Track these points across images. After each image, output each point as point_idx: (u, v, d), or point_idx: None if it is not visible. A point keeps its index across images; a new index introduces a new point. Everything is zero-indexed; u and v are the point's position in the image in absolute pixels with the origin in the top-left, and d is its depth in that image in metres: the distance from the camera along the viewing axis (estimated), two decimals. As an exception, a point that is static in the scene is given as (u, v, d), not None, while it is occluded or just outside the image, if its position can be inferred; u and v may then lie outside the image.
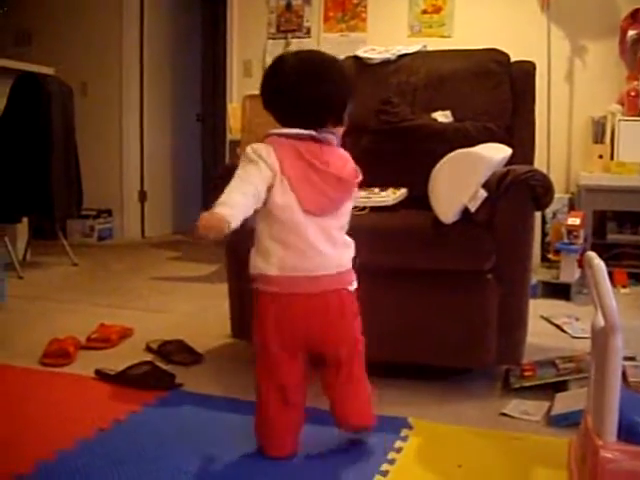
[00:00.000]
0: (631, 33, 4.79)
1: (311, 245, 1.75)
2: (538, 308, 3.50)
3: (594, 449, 1.35)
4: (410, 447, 1.96)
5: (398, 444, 1.97)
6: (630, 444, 1.38)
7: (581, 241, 4.06)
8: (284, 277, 1.76)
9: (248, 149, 1.77)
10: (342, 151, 1.86)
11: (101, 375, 2.49)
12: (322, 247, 1.76)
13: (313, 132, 1.79)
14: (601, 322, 1.39)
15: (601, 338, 1.39)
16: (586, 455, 1.43)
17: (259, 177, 1.72)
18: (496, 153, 2.37)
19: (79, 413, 2.18)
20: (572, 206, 4.70)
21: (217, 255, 4.95)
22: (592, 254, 1.49)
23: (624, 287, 4.13)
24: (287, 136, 1.79)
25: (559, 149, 5.06)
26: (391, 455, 1.90)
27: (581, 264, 4.06)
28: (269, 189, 1.74)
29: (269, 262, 1.77)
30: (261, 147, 1.77)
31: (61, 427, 2.06)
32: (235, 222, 1.62)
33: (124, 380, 2.42)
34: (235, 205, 1.65)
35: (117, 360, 2.64)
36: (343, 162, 1.83)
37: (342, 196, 1.80)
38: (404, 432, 2.05)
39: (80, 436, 1.97)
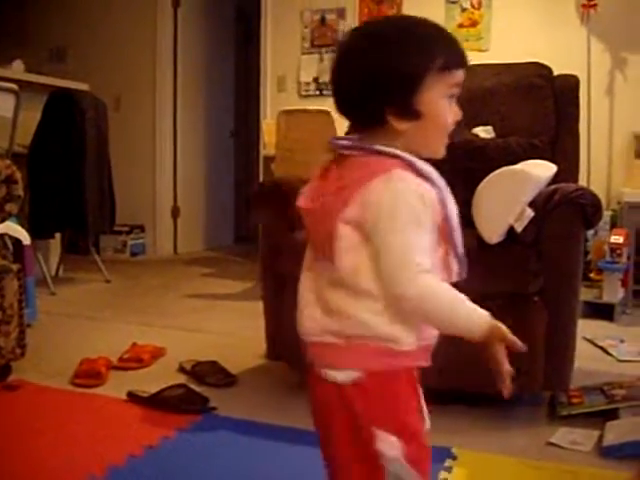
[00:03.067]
0: (674, 46, 4.68)
1: (300, 299, 1.24)
2: (580, 329, 3.37)
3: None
4: (455, 479, 1.87)
5: (443, 475, 1.88)
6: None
7: (624, 259, 3.95)
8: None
9: None
10: (371, 166, 1.15)
11: (133, 398, 2.43)
12: (308, 305, 1.22)
13: (342, 141, 1.21)
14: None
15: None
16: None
17: None
18: (543, 171, 2.28)
19: (111, 438, 2.11)
20: (613, 223, 4.57)
21: (251, 272, 4.92)
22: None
23: (669, 307, 4.00)
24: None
25: (600, 165, 4.95)
26: (436, 488, 1.81)
27: (625, 283, 3.94)
28: None
29: None
30: None
31: (92, 453, 1.99)
32: None
33: (157, 403, 2.36)
34: None
35: (150, 381, 2.59)
36: (343, 184, 1.15)
37: (321, 236, 1.18)
38: (448, 462, 1.96)
39: (111, 463, 1.91)
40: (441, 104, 1.17)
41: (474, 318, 1.18)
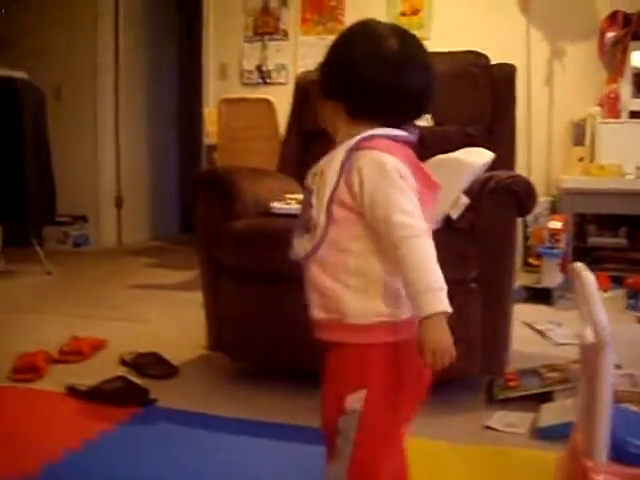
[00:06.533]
0: (610, 35, 4.78)
1: None
2: (520, 313, 3.42)
3: (584, 471, 1.29)
4: (392, 464, 1.89)
5: (380, 461, 1.89)
6: (621, 465, 1.31)
7: (563, 245, 4.02)
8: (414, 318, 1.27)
9: (391, 170, 1.25)
10: None
11: (72, 391, 2.40)
12: None
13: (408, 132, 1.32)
14: (590, 337, 1.33)
15: (591, 354, 1.32)
16: (575, 476, 1.37)
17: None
18: (478, 158, 2.31)
19: (48, 433, 2.09)
20: (553, 209, 4.66)
21: (195, 261, 4.88)
22: (580, 265, 1.42)
23: (606, 291, 4.07)
24: (396, 139, 1.29)
25: (540, 152, 5.04)
26: (373, 473, 1.83)
27: (563, 268, 4.02)
28: None
29: (399, 302, 1.30)
30: (399, 164, 1.26)
31: (28, 449, 1.96)
32: None
33: (96, 396, 2.33)
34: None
35: (90, 374, 2.56)
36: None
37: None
38: (386, 448, 1.98)
39: (48, 458, 1.88)
40: None
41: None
